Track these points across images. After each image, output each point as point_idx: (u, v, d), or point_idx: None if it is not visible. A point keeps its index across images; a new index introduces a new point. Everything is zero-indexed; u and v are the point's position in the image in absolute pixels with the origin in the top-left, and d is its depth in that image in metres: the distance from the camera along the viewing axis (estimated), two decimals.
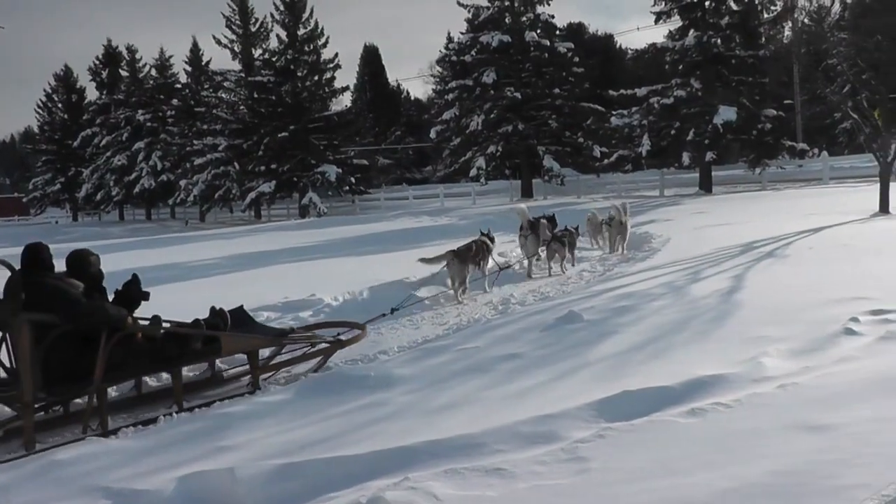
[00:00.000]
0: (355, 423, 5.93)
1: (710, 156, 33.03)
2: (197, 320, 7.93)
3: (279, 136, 45.79)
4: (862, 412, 4.92)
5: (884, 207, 16.97)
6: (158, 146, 60.38)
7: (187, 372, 8.27)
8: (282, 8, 49.67)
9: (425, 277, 12.51)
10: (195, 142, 54.65)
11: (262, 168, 46.65)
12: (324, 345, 8.67)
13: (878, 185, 17.43)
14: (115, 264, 12.55)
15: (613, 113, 37.36)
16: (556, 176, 40.22)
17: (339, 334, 9.13)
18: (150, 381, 8.29)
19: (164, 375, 8.11)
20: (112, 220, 69.24)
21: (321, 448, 5.32)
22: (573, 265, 14.55)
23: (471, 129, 41.76)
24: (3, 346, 6.92)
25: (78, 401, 7.31)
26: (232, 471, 4.96)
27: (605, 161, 38.84)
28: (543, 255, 14.31)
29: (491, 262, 13.22)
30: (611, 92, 37.58)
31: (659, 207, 26.02)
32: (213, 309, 8.25)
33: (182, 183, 54.66)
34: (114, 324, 7.01)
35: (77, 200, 71.45)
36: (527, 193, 42.11)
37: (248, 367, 8.19)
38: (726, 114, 31.59)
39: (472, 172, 41.87)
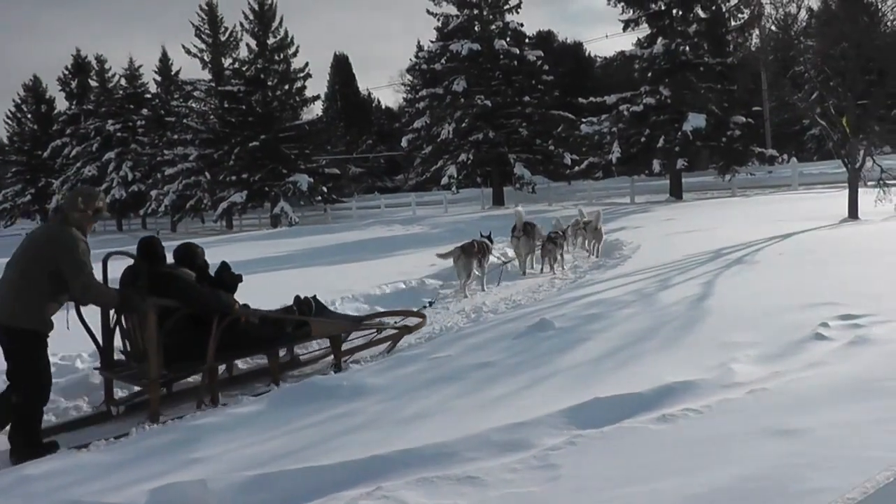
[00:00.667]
0: (328, 433, 5.93)
1: (680, 163, 33.20)
2: (289, 307, 9.23)
3: (250, 145, 45.64)
4: (830, 417, 4.97)
5: (853, 213, 17.13)
6: (129, 156, 60.09)
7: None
8: (251, 17, 49.55)
9: (401, 290, 12.77)
10: (166, 152, 54.44)
11: (234, 178, 46.43)
12: (391, 331, 9.82)
13: (847, 190, 17.59)
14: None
15: (583, 120, 37.49)
16: (527, 183, 40.31)
17: (396, 322, 10.34)
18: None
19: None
20: None
21: (293, 459, 5.32)
22: (562, 267, 15.13)
23: (442, 138, 41.79)
24: (118, 329, 7.98)
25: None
26: (204, 482, 4.96)
27: (576, 168, 38.95)
28: (537, 253, 15.37)
29: (492, 260, 14.60)
30: (580, 100, 37.67)
31: (630, 214, 26.14)
32: (297, 298, 9.41)
33: (153, 193, 54.42)
34: (224, 309, 7.97)
35: (48, 211, 70.85)
36: (498, 201, 42.18)
37: (319, 351, 9.68)
38: (695, 121, 31.77)
39: (444, 181, 41.88)
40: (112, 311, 7.93)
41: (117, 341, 8.10)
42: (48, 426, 7.26)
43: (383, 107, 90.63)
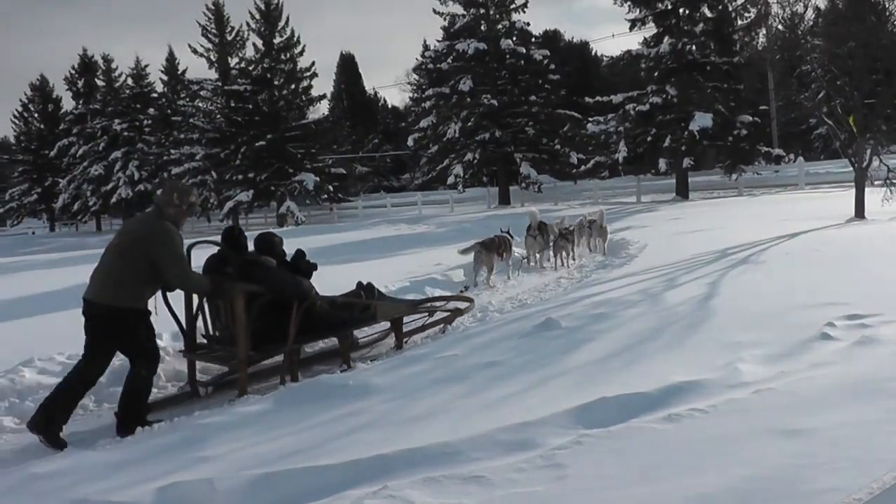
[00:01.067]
0: (333, 432, 5.93)
1: (686, 162, 33.22)
2: (353, 292, 9.80)
3: (256, 144, 45.69)
4: (836, 417, 4.96)
5: (859, 212, 17.10)
6: (135, 155, 60.13)
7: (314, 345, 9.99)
8: (258, 17, 49.62)
9: (405, 286, 12.79)
10: (172, 151, 54.59)
11: (240, 177, 46.51)
12: (443, 314, 10.60)
13: (854, 190, 17.57)
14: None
15: (590, 120, 37.54)
16: (533, 183, 40.36)
17: (447, 305, 11.04)
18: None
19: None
20: (89, 230, 68.79)
21: (299, 458, 5.32)
22: (574, 259, 15.91)
23: (448, 137, 41.85)
24: (200, 315, 8.67)
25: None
26: (211, 482, 4.96)
27: (582, 168, 39.01)
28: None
29: (514, 254, 15.25)
30: (587, 99, 37.75)
31: (636, 214, 26.13)
32: (360, 283, 10.03)
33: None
34: (304, 294, 8.59)
35: (54, 211, 71.00)
36: (504, 200, 42.21)
37: (375, 335, 10.33)
38: (702, 120, 31.79)
39: (450, 180, 41.94)
40: (195, 297, 8.61)
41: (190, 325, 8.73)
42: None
43: (389, 106, 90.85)
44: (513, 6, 42.38)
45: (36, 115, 76.07)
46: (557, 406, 5.69)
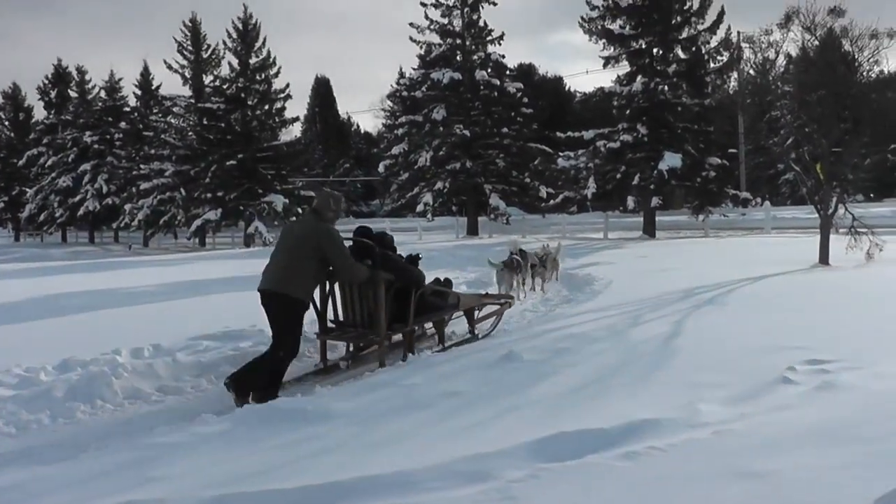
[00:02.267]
0: (290, 456, 5.88)
1: (655, 201, 33.44)
2: (447, 279, 12.35)
3: (227, 163, 45.46)
4: (795, 460, 4.97)
5: (824, 259, 17.25)
6: (105, 169, 59.87)
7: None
8: (234, 35, 49.51)
9: None
10: (142, 166, 54.26)
11: (209, 195, 46.25)
12: (493, 307, 12.56)
13: (819, 236, 17.73)
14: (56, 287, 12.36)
15: (560, 154, 37.73)
16: (501, 214, 40.50)
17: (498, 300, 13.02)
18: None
19: None
20: (55, 241, 68.30)
21: (254, 481, 5.25)
22: (547, 282, 17.06)
23: (419, 165, 41.95)
24: (330, 299, 10.17)
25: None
26: (162, 502, 4.90)
27: (551, 202, 39.18)
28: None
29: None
30: (558, 133, 37.97)
31: (603, 250, 26.23)
32: (437, 279, 12.15)
33: (127, 207, 54.15)
34: (421, 284, 10.52)
35: (20, 221, 70.41)
36: (472, 231, 42.29)
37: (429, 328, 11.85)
38: (671, 160, 32.03)
39: (419, 208, 41.98)
40: (327, 286, 10.14)
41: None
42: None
43: (362, 131, 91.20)
44: (489, 38, 42.64)
45: (6, 123, 75.78)
46: (516, 439, 5.67)
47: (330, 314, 10.27)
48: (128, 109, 63.95)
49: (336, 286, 10.13)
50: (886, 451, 5.06)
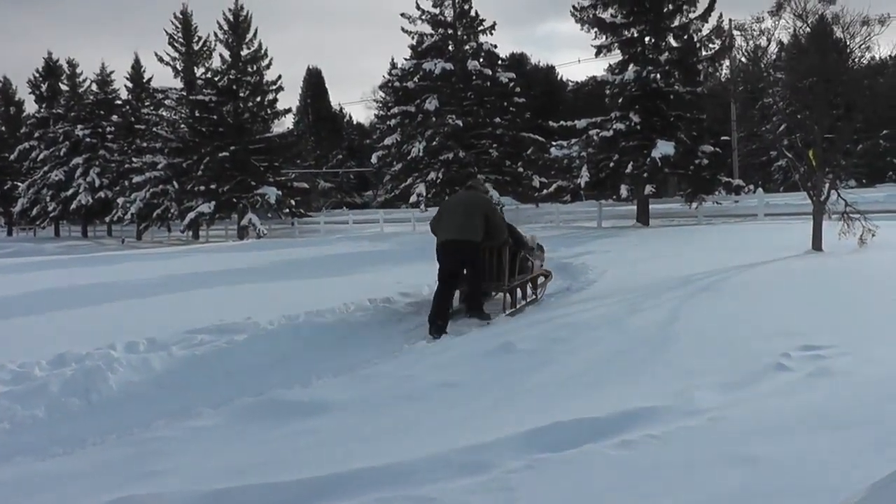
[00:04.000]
0: (286, 448, 5.88)
1: (648, 189, 33.43)
2: (540, 245, 15.12)
3: (220, 156, 45.42)
4: (790, 446, 4.98)
5: (817, 245, 17.24)
6: (97, 162, 59.73)
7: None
8: (226, 27, 49.40)
9: (366, 307, 12.84)
10: (134, 159, 54.21)
11: (202, 188, 46.16)
12: (542, 278, 14.73)
13: (812, 222, 17.73)
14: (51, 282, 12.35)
15: (553, 144, 37.64)
16: (496, 204, 40.44)
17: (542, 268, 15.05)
18: None
19: None
20: (47, 235, 68.16)
21: (252, 474, 5.25)
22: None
23: (412, 156, 41.86)
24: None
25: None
26: (160, 497, 4.90)
27: (545, 191, 39.10)
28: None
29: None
30: (551, 123, 37.93)
31: (597, 239, 26.26)
32: (539, 245, 14.91)
33: (120, 200, 54.09)
34: (526, 248, 13.66)
35: (12, 215, 70.21)
36: None
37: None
38: (664, 148, 31.98)
39: (413, 198, 41.90)
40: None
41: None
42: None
43: (355, 122, 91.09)
44: (480, 28, 42.58)
45: None
46: (512, 429, 5.67)
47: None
48: (119, 102, 63.72)
49: None
50: (881, 435, 5.08)
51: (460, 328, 11.40)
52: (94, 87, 66.26)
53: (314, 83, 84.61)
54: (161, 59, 53.40)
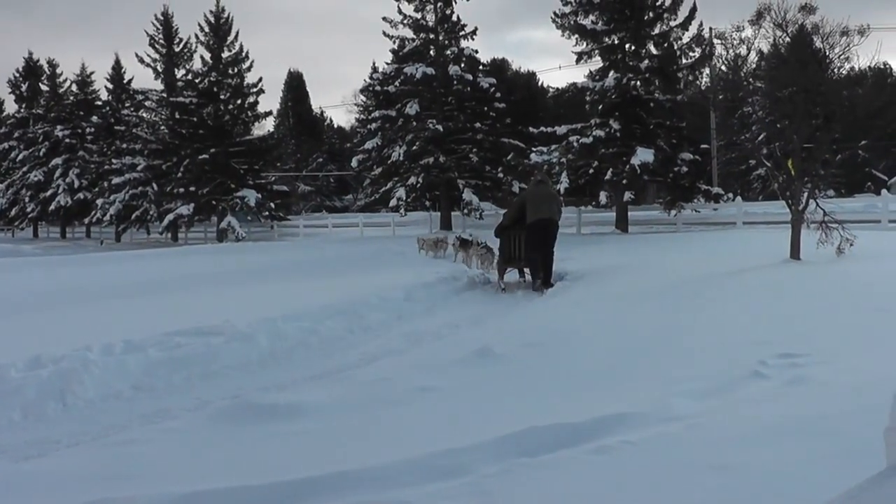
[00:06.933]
0: (262, 452, 5.86)
1: (627, 196, 33.51)
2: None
3: (199, 158, 45.20)
4: (766, 453, 5.00)
5: (795, 254, 17.32)
6: (76, 163, 59.38)
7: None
8: (207, 29, 49.22)
9: (342, 306, 12.75)
10: (114, 160, 53.88)
11: (181, 190, 45.94)
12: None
13: (790, 231, 17.81)
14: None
15: (533, 150, 37.64)
16: (475, 209, 40.41)
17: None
18: None
19: None
20: (26, 237, 67.74)
21: (226, 477, 5.23)
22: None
23: (392, 160, 41.77)
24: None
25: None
26: (134, 500, 4.87)
27: None
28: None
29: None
30: (531, 129, 37.93)
31: (576, 245, 26.28)
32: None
33: (99, 202, 53.80)
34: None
35: None
36: (446, 226, 42.23)
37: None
38: (644, 155, 32.05)
39: (393, 203, 41.79)
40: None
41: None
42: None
43: (335, 126, 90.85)
44: (462, 33, 42.56)
45: None
46: (488, 433, 5.67)
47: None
48: (99, 103, 63.30)
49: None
50: (856, 444, 5.10)
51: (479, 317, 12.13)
52: (74, 87, 65.86)
53: (295, 86, 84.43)
54: (142, 61, 53.19)
